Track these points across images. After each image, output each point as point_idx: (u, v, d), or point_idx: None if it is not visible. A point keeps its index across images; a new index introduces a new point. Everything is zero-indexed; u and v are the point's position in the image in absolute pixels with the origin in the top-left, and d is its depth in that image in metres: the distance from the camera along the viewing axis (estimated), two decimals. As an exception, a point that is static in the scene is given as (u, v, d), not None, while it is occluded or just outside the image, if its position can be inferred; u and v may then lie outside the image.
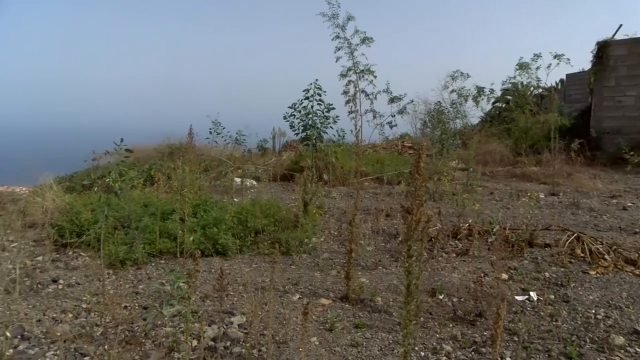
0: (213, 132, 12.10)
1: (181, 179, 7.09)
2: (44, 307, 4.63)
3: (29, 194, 8.75)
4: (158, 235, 6.14)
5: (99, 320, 4.41)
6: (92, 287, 5.13)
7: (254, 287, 5.19)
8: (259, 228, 6.83)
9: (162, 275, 5.50)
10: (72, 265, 5.82)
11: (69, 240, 6.28)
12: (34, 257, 5.97)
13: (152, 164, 10.72)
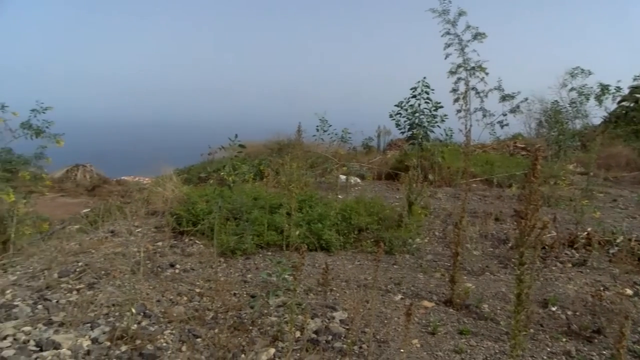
0: (320, 129, 12.33)
1: (289, 175, 7.31)
2: (163, 289, 5.00)
3: (152, 184, 9.51)
4: (266, 228, 6.38)
5: (210, 305, 4.68)
6: (205, 274, 5.46)
7: (356, 284, 5.23)
8: (362, 226, 6.86)
9: (269, 266, 5.72)
10: (188, 251, 6.24)
11: (185, 228, 6.73)
12: (155, 242, 6.47)
13: (262, 160, 11.15)
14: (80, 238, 7.15)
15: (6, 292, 5.17)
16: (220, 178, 6.12)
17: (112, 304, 4.55)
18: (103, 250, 5.98)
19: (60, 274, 5.42)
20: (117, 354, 3.71)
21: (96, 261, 5.64)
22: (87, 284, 5.09)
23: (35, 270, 5.90)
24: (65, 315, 4.36)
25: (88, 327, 4.16)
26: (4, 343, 3.90)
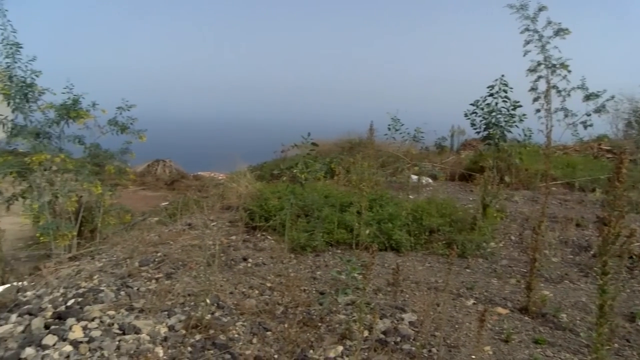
0: (392, 128, 12.20)
1: (360, 173, 7.31)
2: (236, 282, 5.16)
3: (226, 180, 9.82)
4: (336, 226, 6.41)
5: (280, 300, 4.77)
6: (276, 269, 5.57)
7: (427, 286, 5.14)
8: (433, 227, 6.72)
9: (338, 264, 5.74)
10: (260, 246, 6.39)
11: (258, 223, 6.90)
12: (229, 236, 6.68)
13: (333, 158, 11.22)
14: (159, 229, 7.53)
15: (94, 277, 5.54)
16: (293, 175, 6.22)
17: (188, 294, 4.75)
18: (180, 242, 6.25)
19: (141, 263, 5.73)
20: (191, 342, 3.87)
21: (174, 252, 5.91)
22: (165, 274, 5.34)
23: (118, 259, 6.27)
24: (145, 302, 4.60)
25: (165, 314, 4.37)
26: (92, 324, 4.18)
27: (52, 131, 7.89)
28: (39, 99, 7.78)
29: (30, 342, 4.08)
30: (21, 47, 7.45)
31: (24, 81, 7.55)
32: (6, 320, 5.06)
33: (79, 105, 7.76)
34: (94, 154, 8.40)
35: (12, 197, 7.79)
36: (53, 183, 7.75)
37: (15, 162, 7.74)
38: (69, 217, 7.76)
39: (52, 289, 5.69)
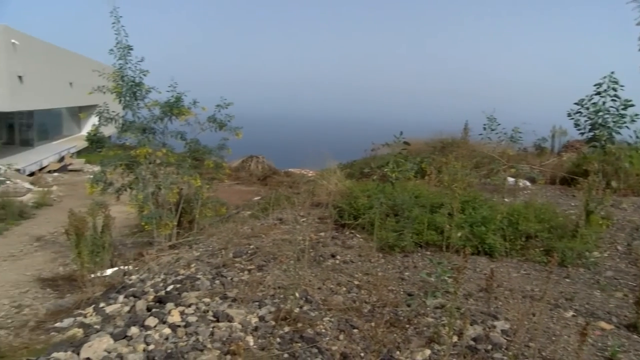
0: (487, 128, 11.73)
1: (452, 174, 7.11)
2: (324, 278, 5.22)
3: (316, 177, 9.95)
4: (426, 227, 6.29)
5: (367, 298, 4.77)
6: (364, 267, 5.57)
7: (522, 294, 4.89)
8: (530, 232, 6.38)
9: (427, 265, 5.63)
10: (348, 244, 6.42)
11: (347, 221, 6.93)
12: (318, 232, 6.78)
13: (424, 157, 11.00)
14: (252, 223, 7.80)
15: (191, 265, 5.86)
16: (383, 174, 6.17)
17: (277, 287, 4.88)
18: (272, 235, 6.43)
19: (235, 254, 5.97)
20: (280, 334, 3.97)
21: (265, 245, 6.09)
22: (257, 266, 5.53)
23: (214, 249, 6.58)
24: (238, 292, 4.79)
25: (256, 305, 4.52)
26: (189, 310, 4.43)
27: (156, 127, 8.44)
28: (146, 97, 8.35)
29: (135, 322, 4.40)
30: (132, 49, 8.03)
31: (133, 80, 8.13)
32: (115, 300, 5.50)
33: (181, 102, 8.23)
34: (194, 149, 8.88)
35: (121, 188, 8.43)
36: (156, 175, 8.29)
37: (124, 156, 8.38)
38: (170, 208, 8.26)
39: (154, 275, 6.10)
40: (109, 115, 8.25)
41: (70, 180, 22.03)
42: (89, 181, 8.29)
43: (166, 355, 3.65)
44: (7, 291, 7.41)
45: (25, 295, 7.16)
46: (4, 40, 18.72)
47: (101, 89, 8.09)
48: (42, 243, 11.16)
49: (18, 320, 5.99)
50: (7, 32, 18.95)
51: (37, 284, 7.74)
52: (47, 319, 5.84)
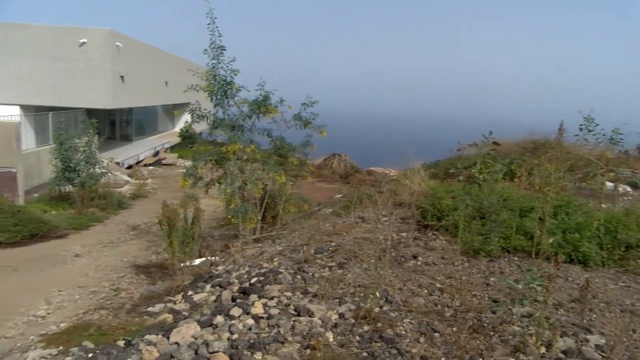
0: (584, 129, 11.00)
1: (544, 177, 6.76)
2: (405, 278, 5.16)
3: (399, 176, 9.84)
4: (514, 231, 6.02)
5: (449, 302, 4.65)
6: (447, 270, 5.43)
7: (620, 307, 4.55)
8: (631, 242, 5.92)
9: (514, 272, 5.39)
10: (431, 245, 6.29)
11: (429, 222, 6.80)
12: (399, 232, 6.70)
13: (513, 159, 10.53)
14: (334, 220, 7.86)
15: (274, 259, 6.01)
16: (469, 175, 5.98)
17: (358, 285, 4.88)
18: (353, 234, 6.45)
19: (316, 250, 6.05)
20: (360, 332, 3.97)
21: (346, 243, 6.12)
22: (338, 263, 5.56)
23: (296, 244, 6.71)
24: (319, 288, 4.84)
25: (336, 302, 4.55)
26: (271, 302, 4.54)
27: (245, 124, 8.74)
28: (236, 95, 8.67)
29: (220, 311, 4.58)
30: (224, 49, 8.36)
31: (225, 79, 8.47)
32: (202, 289, 5.77)
33: (269, 101, 8.47)
34: (279, 146, 9.11)
35: (210, 182, 8.82)
36: (243, 171, 8.59)
37: (214, 151, 8.76)
38: (255, 203, 8.53)
39: (239, 266, 6.32)
40: (200, 113, 8.66)
41: (163, 173, 23.37)
42: (181, 175, 8.75)
43: (249, 345, 3.77)
44: (107, 275, 8.01)
45: (122, 280, 7.70)
46: (109, 43, 20.19)
47: (194, 87, 8.51)
48: (137, 232, 11.94)
49: (116, 303, 6.45)
50: (112, 36, 20.42)
51: (132, 270, 8.30)
52: (140, 303, 6.24)
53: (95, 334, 4.97)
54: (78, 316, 6.01)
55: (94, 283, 7.52)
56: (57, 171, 14.60)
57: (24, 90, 20.09)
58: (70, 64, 19.97)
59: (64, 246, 10.27)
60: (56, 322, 5.81)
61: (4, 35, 20.10)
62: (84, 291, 7.11)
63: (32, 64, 20.03)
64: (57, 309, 6.38)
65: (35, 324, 5.81)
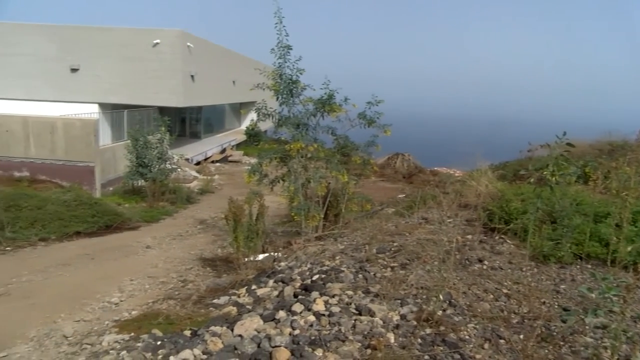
0: (668, 130, 10.30)
1: (622, 180, 6.37)
2: (470, 282, 5.02)
3: (464, 177, 9.59)
4: (588, 237, 5.72)
5: (516, 309, 4.48)
6: (514, 275, 5.24)
7: None
8: None
9: (587, 280, 5.12)
10: (497, 249, 6.09)
11: (497, 225, 6.58)
12: (464, 235, 6.54)
13: (588, 161, 10.00)
14: (396, 220, 7.78)
15: (336, 257, 6.03)
16: (540, 177, 5.72)
17: (421, 287, 4.81)
18: (416, 234, 6.35)
19: (378, 250, 6.01)
20: (421, 335, 3.91)
21: (409, 244, 6.04)
22: (400, 264, 5.50)
23: (358, 243, 6.70)
24: (380, 288, 4.81)
25: (398, 303, 4.50)
26: (332, 300, 4.57)
27: (309, 123, 8.83)
28: (301, 94, 8.77)
29: (283, 306, 4.65)
30: (291, 48, 8.47)
31: (291, 78, 8.58)
32: (265, 284, 5.89)
33: (333, 99, 8.50)
34: (343, 144, 9.13)
35: (274, 179, 8.98)
36: (307, 169, 8.68)
37: (278, 149, 8.91)
38: (317, 201, 8.60)
39: (301, 263, 6.39)
40: (266, 111, 8.82)
41: (229, 170, 24.02)
42: (246, 172, 8.96)
43: (310, 341, 3.81)
44: (176, 267, 8.33)
45: (190, 272, 7.99)
46: (180, 44, 20.98)
47: (261, 86, 8.68)
48: (204, 226, 12.34)
49: (183, 293, 6.70)
50: (183, 37, 21.21)
51: (199, 263, 8.59)
52: (206, 295, 6.45)
53: (163, 323, 5.19)
54: (148, 305, 6.29)
55: (163, 274, 7.85)
56: (131, 166, 15.36)
57: (102, 89, 21.28)
58: (145, 64, 20.93)
59: (136, 238, 10.79)
60: (128, 310, 6.11)
61: (86, 37, 21.37)
62: (153, 281, 7.44)
63: (110, 64, 21.17)
64: (129, 297, 6.71)
65: (109, 310, 6.14)
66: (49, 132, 15.50)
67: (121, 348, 4.45)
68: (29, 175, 15.55)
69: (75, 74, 21.36)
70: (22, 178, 15.37)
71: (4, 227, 9.59)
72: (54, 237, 10.15)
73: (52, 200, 11.35)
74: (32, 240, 9.73)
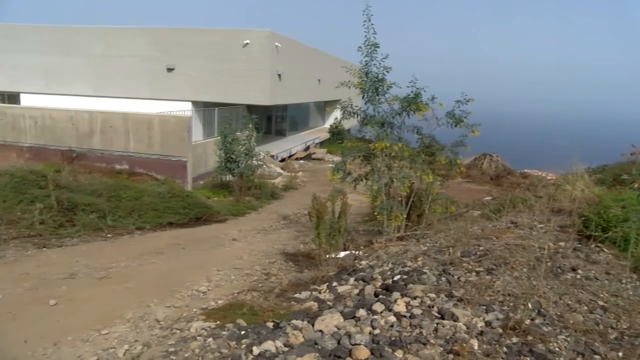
0: None
1: None
2: (561, 292, 4.74)
3: (558, 180, 9.07)
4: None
5: (614, 323, 4.18)
6: (612, 287, 4.88)
7: None
8: None
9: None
10: (593, 258, 5.70)
11: (593, 233, 6.16)
12: (557, 242, 6.18)
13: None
14: (482, 224, 7.52)
15: (418, 259, 5.94)
16: (645, 183, 5.30)
17: (508, 294, 4.61)
18: (504, 239, 6.10)
19: (463, 253, 5.84)
20: (507, 344, 3.75)
21: (496, 248, 5.81)
22: (486, 269, 5.31)
23: (441, 245, 6.55)
24: (464, 292, 4.67)
25: (483, 309, 4.35)
26: (414, 302, 4.50)
27: (394, 121, 8.75)
28: (387, 92, 8.70)
29: (363, 304, 4.65)
30: (378, 46, 8.43)
31: (377, 77, 8.54)
32: (346, 281, 5.92)
33: (420, 98, 8.36)
34: (428, 144, 8.95)
35: (357, 178, 8.99)
36: (391, 168, 8.61)
37: (363, 147, 8.90)
38: (400, 200, 8.51)
39: (382, 263, 6.36)
40: (351, 110, 8.85)
41: (313, 167, 24.38)
42: (330, 169, 9.05)
43: (390, 342, 3.78)
44: (259, 260, 8.59)
45: (273, 265, 8.20)
46: (269, 44, 21.56)
47: (346, 84, 8.72)
48: (287, 221, 12.62)
49: (267, 286, 6.89)
50: (272, 37, 21.78)
51: (282, 257, 8.79)
52: (288, 289, 6.59)
53: (247, 314, 5.37)
54: (233, 295, 6.53)
55: (247, 266, 8.12)
56: (220, 161, 16.04)
57: (195, 88, 22.37)
58: (235, 63, 21.73)
59: (223, 230, 11.25)
60: (215, 299, 6.39)
61: (182, 39, 22.56)
62: (238, 273, 7.71)
63: (202, 64, 22.20)
64: (215, 286, 7.00)
65: (197, 298, 6.45)
66: (146, 128, 16.55)
67: (208, 335, 4.66)
68: (127, 168, 16.72)
69: (170, 73, 22.62)
70: (122, 170, 16.56)
71: (106, 215, 10.36)
72: (148, 226, 10.82)
73: (148, 192, 12.11)
74: (130, 229, 10.44)
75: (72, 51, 24.05)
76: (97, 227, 9.95)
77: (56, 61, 24.34)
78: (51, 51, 24.35)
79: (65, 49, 24.14)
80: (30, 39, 24.77)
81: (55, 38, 24.46)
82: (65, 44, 24.18)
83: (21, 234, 9.01)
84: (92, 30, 24.52)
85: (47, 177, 10.80)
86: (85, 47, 23.86)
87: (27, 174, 11.17)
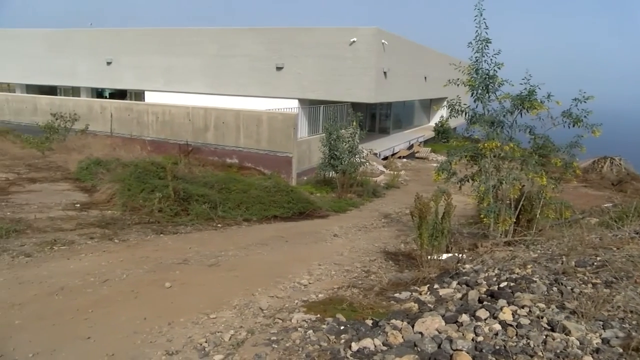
0: None
1: None
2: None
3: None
4: None
5: None
6: None
7: None
8: None
9: None
10: None
11: None
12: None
13: None
14: (601, 232, 6.95)
15: (527, 266, 5.63)
16: None
17: (630, 310, 4.22)
18: (626, 250, 5.59)
19: (578, 263, 5.43)
20: (629, 364, 3.43)
21: (617, 260, 5.34)
22: (604, 281, 4.90)
23: (553, 253, 6.15)
24: (578, 305, 4.34)
25: (599, 325, 4.01)
26: (521, 311, 4.27)
27: (505, 120, 8.33)
28: (498, 90, 8.31)
29: (466, 310, 4.50)
30: (490, 42, 8.08)
31: (487, 73, 8.19)
32: (448, 284, 5.76)
33: (534, 96, 7.88)
34: (541, 145, 8.42)
35: (463, 178, 8.70)
36: (500, 169, 8.22)
37: (470, 147, 8.58)
38: (509, 203, 8.10)
39: (487, 268, 6.11)
40: (460, 108, 8.55)
41: (416, 166, 24.01)
42: (434, 169, 8.83)
43: (494, 351, 3.62)
44: (360, 257, 8.62)
45: (373, 263, 8.19)
46: (375, 42, 21.52)
47: (455, 81, 8.45)
48: (389, 220, 12.55)
49: (366, 284, 6.90)
50: (379, 34, 21.71)
51: (382, 255, 8.76)
52: (388, 288, 6.55)
53: (347, 309, 5.41)
54: (333, 290, 6.62)
55: (348, 262, 8.18)
56: (324, 158, 16.33)
57: (302, 86, 22.93)
58: (341, 61, 21.96)
59: (325, 226, 11.43)
60: (315, 292, 6.51)
61: (291, 38, 23.23)
62: (339, 268, 7.80)
63: (310, 62, 22.70)
64: (316, 280, 7.14)
65: (299, 290, 6.61)
66: (255, 124, 17.27)
67: (308, 327, 4.76)
68: (237, 162, 17.58)
69: (279, 72, 23.38)
70: (232, 164, 17.44)
71: (217, 206, 10.97)
72: (255, 218, 11.29)
73: (255, 186, 12.65)
74: (238, 220, 10.96)
75: (188, 52, 25.74)
76: (208, 217, 10.56)
77: (174, 61, 26.20)
78: (170, 52, 26.25)
79: (183, 49, 25.89)
80: (152, 41, 26.92)
81: (174, 40, 26.32)
82: (183, 45, 25.93)
83: (142, 220, 9.82)
84: (207, 31, 26.05)
85: (166, 168, 11.65)
86: (201, 47, 25.41)
87: (149, 165, 12.14)
